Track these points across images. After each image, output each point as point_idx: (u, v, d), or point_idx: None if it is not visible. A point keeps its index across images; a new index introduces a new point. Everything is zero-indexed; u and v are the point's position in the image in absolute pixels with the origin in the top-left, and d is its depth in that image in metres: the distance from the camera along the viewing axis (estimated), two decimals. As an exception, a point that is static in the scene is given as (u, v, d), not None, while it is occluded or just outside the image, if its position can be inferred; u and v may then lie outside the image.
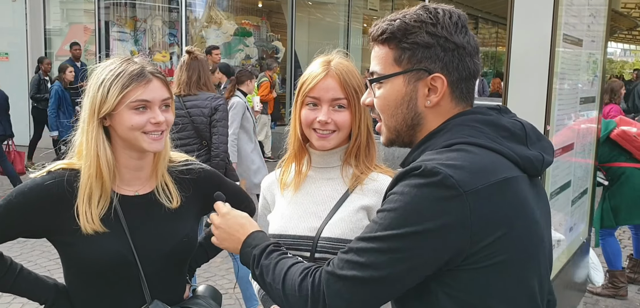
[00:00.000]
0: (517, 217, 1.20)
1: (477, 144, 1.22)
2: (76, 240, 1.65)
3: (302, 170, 1.84)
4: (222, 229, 1.51)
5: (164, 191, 1.78)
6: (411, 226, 1.14)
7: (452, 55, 1.27)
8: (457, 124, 1.27)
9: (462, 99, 1.31)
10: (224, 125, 4.03)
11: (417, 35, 1.26)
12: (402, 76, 1.29)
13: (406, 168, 1.20)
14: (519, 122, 1.31)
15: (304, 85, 1.77)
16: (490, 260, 1.16)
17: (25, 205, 1.66)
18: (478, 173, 1.16)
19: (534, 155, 1.27)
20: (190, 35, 13.05)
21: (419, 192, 1.14)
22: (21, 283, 1.73)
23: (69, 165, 1.72)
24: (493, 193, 1.16)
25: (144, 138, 1.67)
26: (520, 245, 1.20)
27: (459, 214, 1.13)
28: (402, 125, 1.33)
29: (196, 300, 1.86)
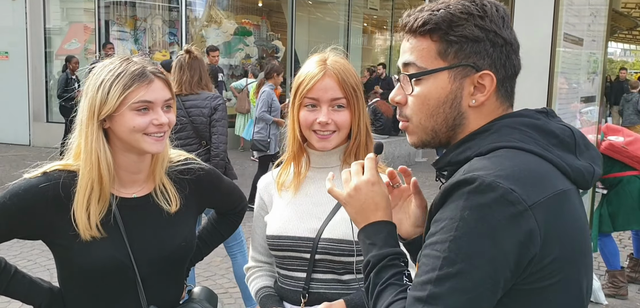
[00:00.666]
0: (573, 234, 1.11)
1: (528, 150, 1.12)
2: (72, 244, 1.60)
3: (301, 170, 1.82)
4: (358, 195, 1.29)
5: (163, 194, 1.74)
6: (483, 254, 1.02)
7: (501, 51, 1.17)
8: (505, 125, 1.17)
9: (506, 99, 1.21)
10: (223, 124, 4.02)
11: (465, 28, 1.15)
12: (447, 72, 1.17)
13: (456, 181, 1.07)
14: (568, 128, 1.20)
15: (301, 86, 1.73)
16: (547, 281, 1.08)
17: (19, 208, 1.61)
18: (536, 184, 1.06)
19: (585, 166, 1.16)
20: (190, 34, 13.05)
21: (483, 213, 1.02)
22: (15, 286, 1.69)
23: (65, 167, 1.66)
24: (552, 206, 1.06)
25: (145, 139, 1.61)
26: (574, 265, 1.12)
27: (528, 229, 1.03)
28: (442, 125, 1.21)
29: (191, 304, 1.83)
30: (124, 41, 13.00)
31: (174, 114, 1.71)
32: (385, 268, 1.21)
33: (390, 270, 1.20)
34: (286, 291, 1.81)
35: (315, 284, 1.76)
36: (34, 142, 12.72)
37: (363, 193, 1.29)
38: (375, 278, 1.21)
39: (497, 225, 1.02)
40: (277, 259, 1.84)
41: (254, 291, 1.91)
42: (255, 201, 1.95)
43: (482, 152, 1.14)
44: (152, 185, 1.74)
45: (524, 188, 1.04)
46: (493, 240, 1.02)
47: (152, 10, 13.26)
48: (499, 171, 1.05)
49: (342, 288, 1.75)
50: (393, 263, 1.22)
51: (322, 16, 16.34)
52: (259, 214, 1.92)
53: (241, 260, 4.26)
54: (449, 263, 1.04)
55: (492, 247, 1.02)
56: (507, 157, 1.10)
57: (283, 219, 1.79)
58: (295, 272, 1.79)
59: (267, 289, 1.87)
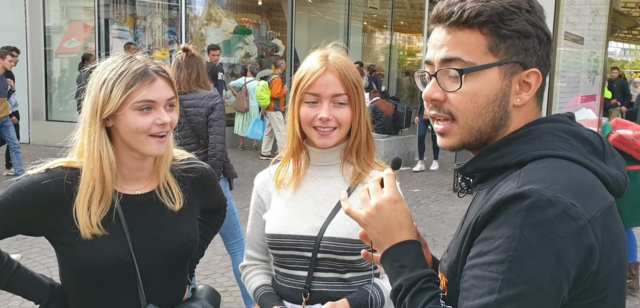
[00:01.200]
0: (621, 247, 1.07)
1: (573, 160, 1.06)
2: (74, 242, 1.61)
3: (301, 168, 1.80)
4: (381, 215, 1.20)
5: (167, 192, 1.74)
6: (547, 274, 0.96)
7: (544, 48, 1.12)
8: (544, 131, 1.10)
9: (541, 99, 1.16)
10: (221, 124, 4.00)
11: (517, 22, 1.08)
12: (498, 68, 1.09)
13: (510, 195, 0.99)
14: (598, 135, 1.15)
15: (302, 81, 1.72)
16: (599, 295, 1.02)
17: (21, 204, 1.61)
18: (591, 197, 1.01)
19: (619, 174, 1.11)
20: (190, 33, 13.04)
21: (545, 231, 0.95)
22: (16, 282, 1.69)
23: (68, 164, 1.66)
24: (605, 220, 1.01)
25: (148, 141, 1.61)
26: (620, 279, 1.08)
27: (589, 245, 0.97)
28: (489, 125, 1.12)
29: (192, 303, 1.82)
30: (124, 40, 12.99)
31: (176, 112, 1.70)
32: (420, 292, 1.12)
33: (427, 293, 1.12)
34: (286, 289, 1.80)
35: (317, 283, 1.75)
36: (33, 140, 12.70)
37: (386, 212, 1.20)
38: (411, 303, 1.12)
39: (561, 243, 0.95)
40: (277, 258, 1.82)
41: (252, 289, 1.89)
42: (252, 199, 1.92)
43: (525, 160, 1.08)
44: (156, 182, 1.74)
45: (583, 202, 0.98)
46: (557, 259, 0.96)
47: (152, 8, 13.25)
48: (554, 184, 0.99)
49: (344, 286, 1.75)
50: (428, 286, 1.13)
51: (322, 15, 16.34)
52: (256, 212, 1.90)
53: (241, 259, 4.25)
54: (510, 285, 0.96)
55: (556, 266, 0.96)
56: (558, 168, 1.03)
57: (283, 218, 1.78)
58: (296, 270, 1.77)
59: (266, 287, 1.85)
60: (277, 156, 1.89)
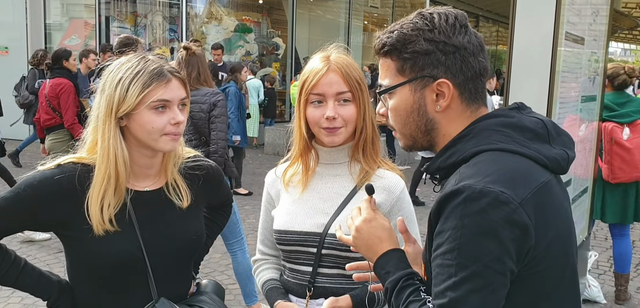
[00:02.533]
0: (558, 220, 1.22)
1: (508, 150, 1.22)
2: (85, 237, 1.62)
3: (310, 167, 1.83)
4: (361, 235, 1.44)
5: (175, 189, 1.76)
6: (489, 253, 1.12)
7: (454, 58, 1.26)
8: (483, 128, 1.27)
9: (473, 99, 1.31)
10: (223, 121, 4.00)
11: (415, 44, 1.27)
12: (408, 85, 1.30)
13: (449, 192, 1.16)
14: (540, 120, 1.31)
15: (306, 83, 1.75)
16: (543, 265, 1.18)
17: (33, 198, 1.62)
18: (521, 182, 1.16)
19: (560, 154, 1.28)
20: (191, 31, 13.05)
21: (481, 218, 1.12)
22: (24, 279, 1.70)
23: (79, 160, 1.67)
24: (538, 199, 1.16)
25: (163, 139, 1.63)
26: (562, 247, 1.22)
27: (523, 224, 1.13)
28: (417, 132, 1.34)
29: (200, 297, 1.85)
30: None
31: (187, 112, 1.73)
32: (402, 289, 1.30)
33: (408, 289, 1.30)
34: (292, 284, 1.85)
35: (321, 278, 1.79)
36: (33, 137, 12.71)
37: (364, 232, 1.43)
38: (396, 301, 1.30)
39: (496, 226, 1.11)
40: (284, 253, 1.87)
41: (260, 283, 1.94)
42: (263, 196, 1.97)
43: (467, 157, 1.24)
44: (164, 179, 1.77)
45: (512, 188, 1.13)
46: (496, 240, 1.12)
47: (153, 6, 13.25)
48: (486, 176, 1.15)
49: (347, 283, 1.78)
50: (408, 283, 1.31)
51: (323, 14, 16.33)
52: (266, 209, 1.95)
53: (241, 257, 4.26)
54: (462, 268, 1.13)
55: (496, 246, 1.12)
56: (491, 161, 1.20)
57: (290, 214, 1.82)
58: (302, 266, 1.82)
59: (273, 282, 1.90)
60: (287, 156, 1.92)
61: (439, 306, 1.15)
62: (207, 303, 1.82)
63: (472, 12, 20.25)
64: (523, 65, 2.59)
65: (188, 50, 4.03)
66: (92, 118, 1.68)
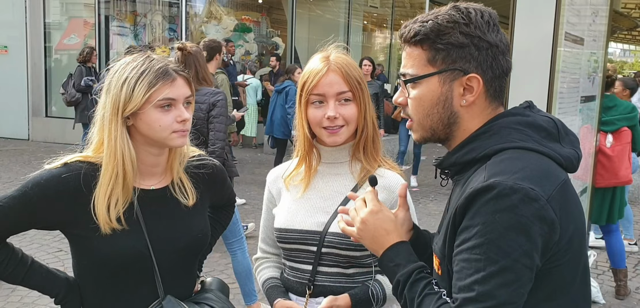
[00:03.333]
0: (576, 215, 1.24)
1: (529, 149, 1.24)
2: (92, 235, 1.63)
3: (312, 166, 1.85)
4: (367, 227, 1.43)
5: (180, 188, 1.77)
6: (519, 248, 1.13)
7: (486, 54, 1.27)
8: (502, 126, 1.28)
9: (496, 97, 1.32)
10: (221, 121, 3.99)
11: (451, 36, 1.27)
12: (437, 76, 1.30)
13: (479, 188, 1.17)
14: (551, 119, 1.33)
15: (307, 83, 1.76)
16: (564, 258, 1.20)
17: (40, 197, 1.62)
18: (546, 179, 1.18)
19: (571, 153, 1.30)
20: (190, 30, 13.05)
21: (512, 214, 1.13)
22: (32, 276, 1.71)
23: (85, 158, 1.68)
24: (561, 195, 1.19)
25: (171, 136, 1.65)
26: (579, 242, 1.25)
27: (552, 220, 1.15)
28: (438, 124, 1.33)
29: (206, 294, 1.86)
30: (124, 37, 12.99)
31: (192, 110, 1.74)
32: (416, 282, 1.31)
33: (422, 282, 1.31)
34: (292, 282, 1.86)
35: (321, 277, 1.80)
36: (32, 136, 12.71)
37: (371, 224, 1.42)
38: (410, 293, 1.31)
39: (526, 221, 1.13)
40: (285, 251, 1.88)
41: (261, 281, 1.95)
42: (265, 194, 1.98)
43: (489, 154, 1.26)
44: (169, 178, 1.78)
45: (540, 184, 1.15)
46: (526, 235, 1.13)
47: (152, 5, 13.25)
48: (514, 173, 1.16)
49: (347, 281, 1.79)
50: (421, 276, 1.32)
51: (322, 13, 16.33)
52: (268, 207, 1.96)
53: (240, 257, 4.26)
54: (491, 262, 1.14)
55: (526, 241, 1.13)
56: (516, 159, 1.21)
57: (291, 212, 1.83)
58: (302, 264, 1.83)
59: (274, 280, 1.91)
60: (292, 159, 1.93)
61: (466, 300, 1.16)
62: (213, 300, 1.83)
63: (471, 12, 20.16)
64: (523, 65, 2.60)
65: (183, 50, 4.00)
66: (97, 118, 1.68)
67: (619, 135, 4.74)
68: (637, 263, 5.92)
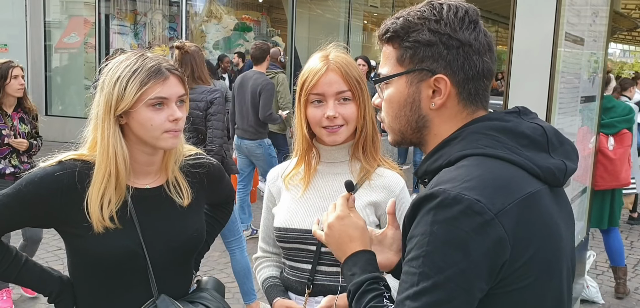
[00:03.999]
0: (543, 235, 1.12)
1: (494, 156, 1.13)
2: (85, 234, 1.63)
3: (312, 166, 1.84)
4: (332, 233, 1.38)
5: (175, 187, 1.77)
6: (454, 265, 1.04)
7: (457, 53, 1.17)
8: (472, 131, 1.19)
9: (472, 101, 1.22)
10: (219, 118, 3.99)
11: (419, 33, 1.19)
12: (405, 77, 1.22)
13: (423, 196, 1.10)
14: (540, 127, 1.21)
15: (306, 83, 1.76)
16: (520, 283, 1.09)
17: (35, 195, 1.63)
18: (502, 191, 1.07)
19: (556, 164, 1.18)
20: (190, 29, 13.03)
21: (450, 227, 1.04)
22: (26, 274, 1.72)
23: (80, 156, 1.68)
24: (520, 211, 1.08)
25: (162, 136, 1.64)
26: (546, 265, 1.13)
27: (497, 237, 1.04)
28: (407, 127, 1.26)
29: (201, 293, 1.86)
30: (124, 35, 12.98)
31: (186, 109, 1.73)
32: (364, 293, 1.25)
33: (370, 293, 1.24)
34: (292, 282, 1.86)
35: (320, 276, 1.80)
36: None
37: (336, 229, 1.37)
38: (357, 304, 1.25)
39: (465, 236, 1.03)
40: (284, 250, 1.88)
41: (260, 280, 1.95)
42: (265, 193, 1.98)
43: (451, 160, 1.16)
44: (164, 177, 1.77)
45: (490, 197, 1.05)
46: (463, 252, 1.04)
47: (153, 4, 13.23)
48: (465, 182, 1.07)
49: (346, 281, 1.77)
50: (371, 288, 1.25)
51: (322, 13, 16.32)
52: (268, 206, 1.96)
53: (239, 256, 4.26)
54: (425, 278, 1.06)
55: (463, 258, 1.04)
56: (474, 166, 1.12)
57: (291, 212, 1.83)
58: (301, 263, 1.83)
59: (273, 279, 1.91)
60: (291, 159, 1.92)
61: None
62: (207, 299, 1.83)
63: (471, 12, 20.16)
64: (523, 66, 2.60)
65: (181, 49, 4.01)
66: (91, 116, 1.68)
67: (620, 138, 4.77)
68: (637, 263, 5.92)
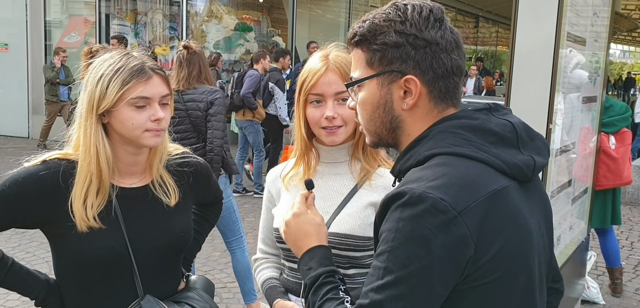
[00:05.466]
0: (509, 230, 1.14)
1: (460, 154, 1.15)
2: (70, 234, 1.61)
3: (311, 166, 1.83)
4: (289, 230, 1.46)
5: (161, 186, 1.75)
6: (417, 261, 1.07)
7: (424, 53, 1.19)
8: (440, 130, 1.21)
9: (443, 99, 1.23)
10: (219, 119, 4.00)
11: (385, 36, 1.21)
12: (376, 79, 1.24)
13: (391, 195, 1.14)
14: (510, 123, 1.23)
15: (305, 83, 1.75)
16: (486, 278, 1.12)
17: (18, 195, 1.61)
18: (466, 189, 1.10)
19: (524, 160, 1.20)
20: (191, 29, 13.03)
21: (415, 224, 1.08)
22: (12, 278, 1.69)
23: (64, 156, 1.67)
24: (485, 208, 1.10)
25: (144, 135, 1.63)
26: (513, 261, 1.15)
27: (460, 235, 1.07)
28: (382, 129, 1.27)
29: (188, 293, 1.84)
30: (125, 35, 12.98)
31: (170, 110, 1.72)
32: (320, 286, 1.29)
33: (326, 286, 1.29)
34: (291, 283, 1.84)
35: None
36: (33, 134, 12.70)
37: (292, 226, 1.44)
38: (313, 298, 1.29)
39: (428, 234, 1.07)
40: (284, 251, 1.86)
41: (260, 282, 1.94)
42: (264, 194, 1.97)
43: (420, 160, 1.19)
44: (149, 177, 1.76)
45: (454, 196, 1.08)
46: (426, 249, 1.07)
47: (153, 4, 13.24)
48: (430, 181, 1.10)
49: (348, 282, 1.76)
50: (327, 281, 1.30)
51: (323, 13, 16.33)
52: (267, 207, 1.94)
53: (240, 256, 4.26)
54: (389, 272, 1.09)
55: (426, 255, 1.07)
56: (440, 165, 1.14)
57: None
58: None
59: (273, 281, 1.89)
60: (290, 158, 1.91)
61: (359, 305, 1.13)
62: (194, 299, 1.81)
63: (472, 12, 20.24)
64: (525, 66, 2.59)
65: (188, 49, 4.04)
66: (76, 114, 1.67)
67: (621, 136, 4.78)
68: (638, 264, 5.92)
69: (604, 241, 5.02)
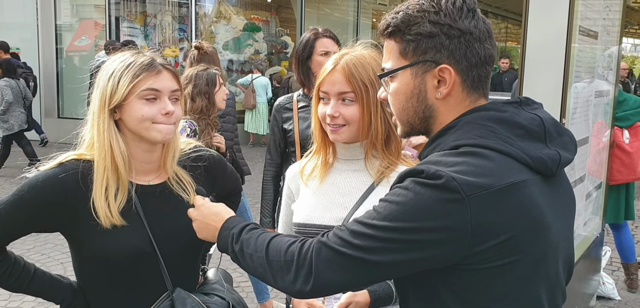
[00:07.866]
0: (522, 223, 1.15)
1: (486, 146, 1.17)
2: (94, 234, 1.61)
3: (328, 160, 1.86)
4: (198, 220, 1.53)
5: (178, 183, 1.77)
6: (410, 222, 1.13)
7: (459, 42, 1.21)
8: (468, 121, 1.23)
9: (475, 88, 1.26)
10: (228, 120, 4.01)
11: (420, 26, 1.22)
12: (410, 69, 1.26)
13: (412, 169, 1.17)
14: (538, 117, 1.24)
15: (319, 79, 1.80)
16: (491, 263, 1.14)
17: (38, 200, 1.60)
18: (482, 178, 1.12)
19: (550, 154, 1.21)
20: (200, 30, 13.08)
21: (423, 191, 1.12)
22: (36, 284, 1.70)
23: (80, 156, 1.67)
24: (496, 200, 1.12)
25: (154, 127, 1.64)
26: (525, 252, 1.16)
27: (459, 218, 1.10)
28: (414, 118, 1.29)
29: (213, 285, 1.86)
30: (134, 37, 13.03)
31: (180, 107, 1.73)
32: (252, 229, 1.38)
33: (257, 228, 1.38)
34: None
35: None
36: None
37: (199, 216, 1.53)
38: (236, 246, 1.37)
39: (432, 204, 1.11)
40: None
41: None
42: (284, 190, 1.99)
43: (446, 150, 1.21)
44: (165, 174, 1.77)
45: (465, 180, 1.10)
46: (421, 214, 1.12)
47: (162, 6, 13.29)
48: (448, 166, 1.13)
49: None
50: (258, 227, 1.40)
51: (331, 12, 16.31)
52: (286, 203, 1.96)
53: (253, 255, 4.26)
54: (374, 217, 1.17)
55: (418, 220, 1.12)
56: (461, 153, 1.17)
57: (310, 207, 1.83)
58: None
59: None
60: (309, 150, 1.95)
61: (334, 230, 1.22)
62: (221, 290, 1.83)
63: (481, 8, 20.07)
64: (537, 61, 2.58)
65: (200, 49, 4.06)
66: (89, 115, 1.69)
67: (635, 131, 4.72)
68: (652, 260, 5.87)
69: (619, 236, 4.98)
